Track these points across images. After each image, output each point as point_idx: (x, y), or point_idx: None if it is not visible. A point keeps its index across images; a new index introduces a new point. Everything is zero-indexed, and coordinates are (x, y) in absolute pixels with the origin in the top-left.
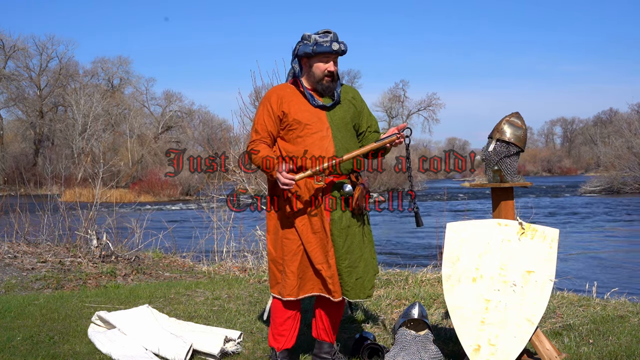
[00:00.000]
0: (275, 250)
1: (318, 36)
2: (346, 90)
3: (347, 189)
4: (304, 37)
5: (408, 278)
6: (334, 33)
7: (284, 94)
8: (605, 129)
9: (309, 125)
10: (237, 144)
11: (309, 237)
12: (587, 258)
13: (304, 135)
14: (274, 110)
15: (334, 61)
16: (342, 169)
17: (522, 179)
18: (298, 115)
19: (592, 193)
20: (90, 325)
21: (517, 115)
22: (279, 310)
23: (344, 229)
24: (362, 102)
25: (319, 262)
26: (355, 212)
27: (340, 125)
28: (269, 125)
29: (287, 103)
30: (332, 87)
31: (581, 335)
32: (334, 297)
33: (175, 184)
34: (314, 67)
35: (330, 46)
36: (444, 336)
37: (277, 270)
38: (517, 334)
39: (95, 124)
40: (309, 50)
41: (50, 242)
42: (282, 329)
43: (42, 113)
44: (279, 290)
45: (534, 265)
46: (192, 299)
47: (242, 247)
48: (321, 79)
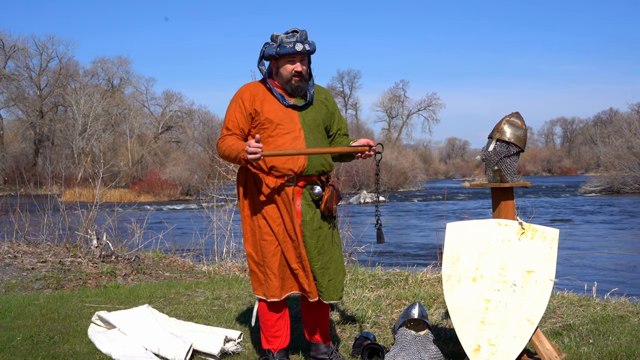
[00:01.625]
0: (255, 253)
1: (285, 36)
2: (318, 91)
3: (317, 190)
4: (272, 38)
5: (408, 278)
6: (302, 32)
7: (257, 92)
8: (605, 129)
9: (280, 125)
10: None
11: (284, 237)
12: (587, 258)
13: (276, 135)
14: (246, 107)
15: (301, 61)
16: (311, 170)
17: (522, 179)
18: (270, 114)
19: (592, 193)
20: (90, 325)
21: (517, 115)
22: (267, 312)
23: (315, 231)
24: (334, 104)
25: (292, 261)
26: (325, 213)
27: (312, 126)
28: (240, 122)
29: (260, 101)
30: (302, 87)
31: (581, 335)
32: (310, 298)
33: (175, 184)
34: (281, 68)
35: (294, 47)
36: (444, 336)
37: (259, 272)
38: (517, 334)
39: (95, 124)
40: (273, 52)
41: (50, 242)
42: (275, 330)
43: (42, 113)
44: (263, 291)
45: (534, 265)
46: (192, 299)
47: (242, 247)
48: (289, 79)
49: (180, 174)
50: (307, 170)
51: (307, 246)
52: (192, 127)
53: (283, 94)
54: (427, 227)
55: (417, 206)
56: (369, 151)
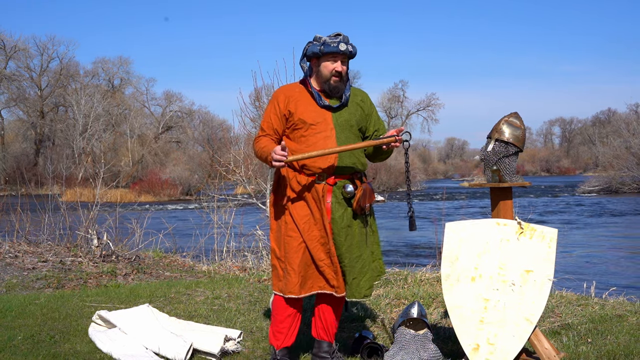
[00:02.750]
0: (278, 248)
1: (328, 38)
2: (355, 93)
3: (349, 189)
4: (315, 38)
5: (407, 277)
6: (345, 36)
7: (291, 94)
8: (603, 129)
9: (313, 125)
10: (237, 144)
11: (310, 235)
12: (586, 257)
13: (308, 135)
14: (281, 109)
15: (342, 62)
16: (342, 169)
17: (520, 179)
18: (304, 115)
19: (590, 193)
20: (91, 325)
21: (516, 115)
22: (280, 307)
23: (343, 228)
24: (371, 106)
25: (320, 258)
26: (357, 212)
27: (344, 127)
28: (274, 123)
29: (294, 102)
30: (340, 88)
31: (580, 335)
32: (337, 293)
33: (176, 184)
34: (321, 66)
35: (338, 46)
36: (443, 335)
37: (280, 268)
38: (515, 333)
39: (96, 124)
40: (317, 50)
41: (51, 241)
42: (282, 327)
43: (42, 113)
44: (280, 287)
45: (532, 265)
46: (192, 298)
47: (242, 247)
48: (328, 78)
49: (180, 174)
50: (338, 169)
51: (336, 243)
52: (192, 127)
53: (321, 95)
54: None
55: (416, 206)
56: (395, 141)
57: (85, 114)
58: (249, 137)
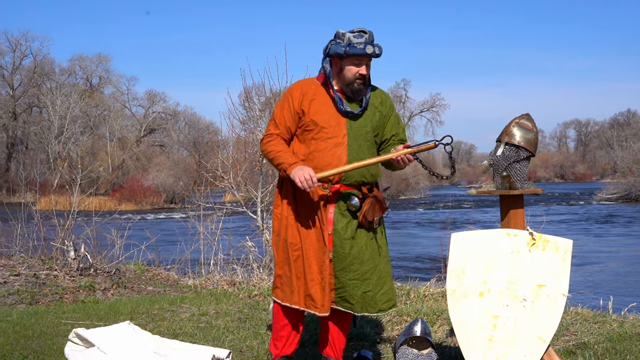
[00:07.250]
0: (277, 253)
1: (352, 35)
2: (375, 95)
3: (354, 201)
4: (337, 35)
5: (410, 292)
6: (370, 33)
7: (307, 90)
8: (622, 131)
9: (325, 129)
10: (225, 148)
11: (308, 245)
12: (603, 271)
13: (318, 139)
14: (294, 106)
15: (366, 64)
16: (349, 180)
17: (532, 186)
18: (317, 116)
19: (608, 201)
20: (67, 344)
21: (528, 117)
22: (278, 314)
23: (347, 240)
24: (391, 108)
25: (310, 271)
26: (364, 225)
27: (358, 134)
28: (287, 121)
29: (309, 101)
30: (362, 92)
31: (597, 355)
32: (319, 312)
33: (159, 191)
34: (345, 69)
35: (364, 49)
36: (448, 355)
37: (278, 274)
38: (527, 352)
39: (73, 126)
40: (341, 51)
41: (24, 253)
42: (281, 334)
43: (15, 114)
44: (277, 294)
45: (545, 279)
46: (177, 315)
47: (231, 259)
48: (352, 82)
49: (164, 181)
50: (345, 179)
51: (339, 255)
52: (177, 129)
53: (342, 98)
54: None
55: (419, 215)
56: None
57: (61, 116)
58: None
